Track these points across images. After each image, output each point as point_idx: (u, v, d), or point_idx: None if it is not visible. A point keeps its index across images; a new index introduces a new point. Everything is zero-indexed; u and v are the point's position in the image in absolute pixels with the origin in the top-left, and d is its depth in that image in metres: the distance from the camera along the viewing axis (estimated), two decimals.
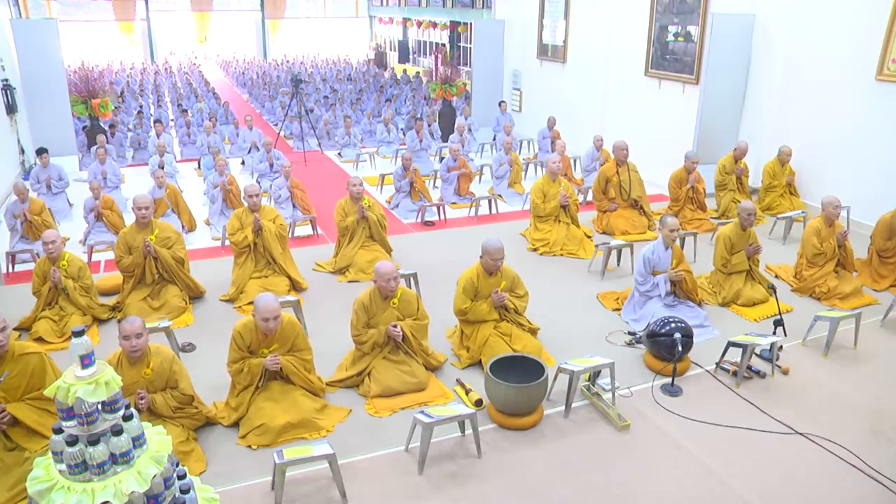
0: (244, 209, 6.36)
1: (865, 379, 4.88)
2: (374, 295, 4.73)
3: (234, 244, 6.25)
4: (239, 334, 4.26)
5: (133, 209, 5.93)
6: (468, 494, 3.72)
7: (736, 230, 6.01)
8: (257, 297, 4.23)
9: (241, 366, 4.27)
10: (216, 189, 8.33)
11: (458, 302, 5.03)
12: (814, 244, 6.22)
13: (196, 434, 4.15)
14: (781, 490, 3.74)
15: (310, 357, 4.49)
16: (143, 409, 3.85)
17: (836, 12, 8.01)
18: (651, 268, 5.64)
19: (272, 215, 6.39)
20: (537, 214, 7.58)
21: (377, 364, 4.68)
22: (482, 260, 4.99)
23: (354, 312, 4.71)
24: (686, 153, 8.18)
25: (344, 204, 6.88)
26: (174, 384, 4.05)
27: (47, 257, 5.56)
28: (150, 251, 5.78)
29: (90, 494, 2.32)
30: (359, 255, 6.71)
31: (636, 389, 4.70)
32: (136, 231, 5.87)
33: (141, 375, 3.93)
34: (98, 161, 9.26)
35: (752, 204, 6.06)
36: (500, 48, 14.12)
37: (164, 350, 4.09)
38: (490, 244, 4.92)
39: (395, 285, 4.70)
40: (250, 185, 6.38)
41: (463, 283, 5.04)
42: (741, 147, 8.58)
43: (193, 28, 32.38)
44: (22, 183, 7.46)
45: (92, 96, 11.27)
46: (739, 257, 5.99)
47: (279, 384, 4.36)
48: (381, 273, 4.63)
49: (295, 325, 4.42)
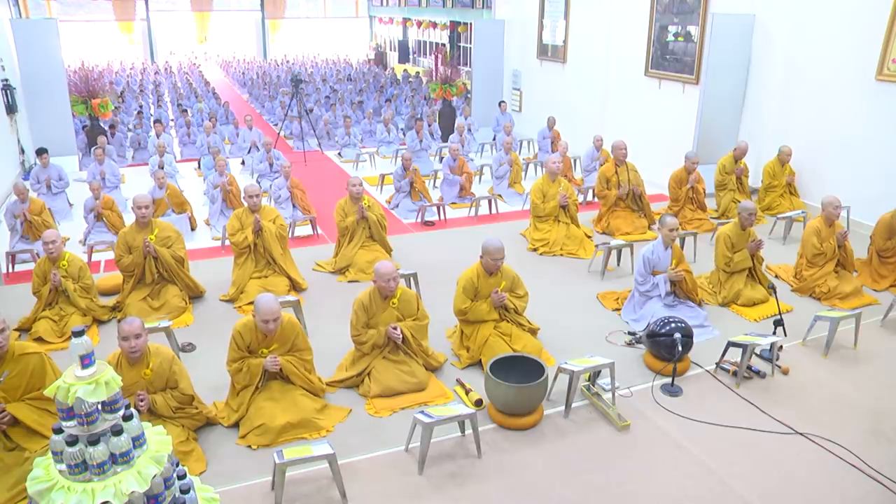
0: (244, 209, 6.36)
1: (865, 379, 4.88)
2: (374, 295, 4.73)
3: (234, 244, 6.25)
4: (239, 334, 4.26)
5: (133, 209, 5.93)
6: (468, 494, 3.72)
7: (736, 230, 6.01)
8: (258, 298, 4.23)
9: (241, 365, 4.28)
10: (216, 189, 8.33)
11: (457, 302, 5.03)
12: (814, 244, 6.22)
13: (196, 434, 4.15)
14: (781, 490, 3.74)
15: (310, 357, 4.49)
16: (143, 411, 3.85)
17: (836, 12, 8.01)
18: (651, 268, 5.64)
19: (272, 216, 6.39)
20: (537, 214, 7.58)
21: (377, 364, 4.68)
22: (482, 260, 4.99)
23: (354, 312, 4.72)
24: (686, 153, 8.19)
25: (344, 204, 6.88)
26: (174, 384, 4.05)
27: (47, 257, 5.56)
28: (150, 251, 5.78)
29: (90, 494, 2.32)
30: (359, 255, 6.71)
31: (636, 389, 4.70)
32: (136, 231, 5.87)
33: (141, 376, 3.93)
34: (97, 161, 9.26)
35: (752, 204, 6.06)
36: (500, 48, 14.12)
37: (163, 350, 4.09)
38: (490, 244, 4.92)
39: (395, 285, 4.70)
40: (250, 185, 6.38)
41: (463, 282, 5.04)
42: (741, 147, 8.58)
43: (193, 28, 32.38)
44: (22, 183, 7.46)
45: (92, 96, 11.27)
46: (742, 255, 5.99)
47: (279, 384, 4.36)
48: (381, 273, 4.63)
49: (295, 326, 4.42)
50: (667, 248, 5.64)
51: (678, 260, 5.67)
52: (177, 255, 5.94)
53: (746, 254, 6.00)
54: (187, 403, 4.08)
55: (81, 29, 29.05)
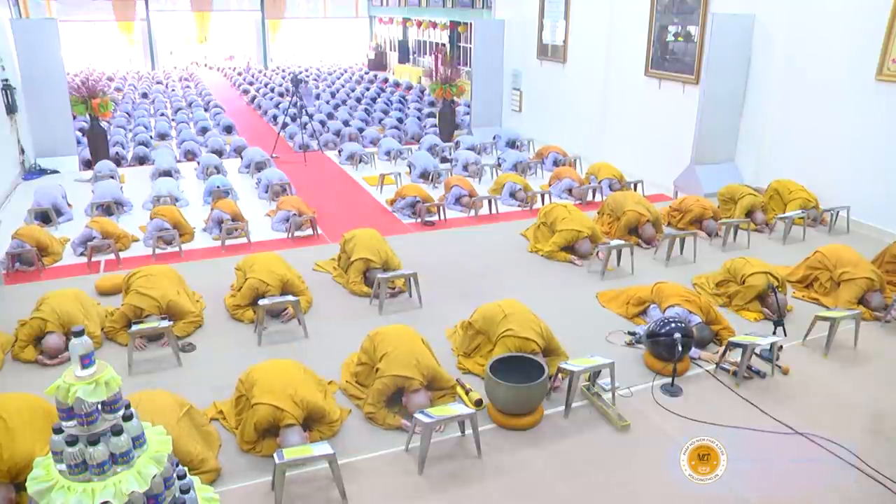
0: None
1: (865, 379, 4.88)
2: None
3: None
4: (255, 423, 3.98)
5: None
6: (468, 494, 3.72)
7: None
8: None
9: (257, 446, 4.06)
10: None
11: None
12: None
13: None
14: (781, 490, 3.74)
15: (336, 418, 4.24)
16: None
17: (836, 12, 8.00)
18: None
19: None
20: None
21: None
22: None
23: (374, 391, 4.34)
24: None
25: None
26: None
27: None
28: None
29: (90, 494, 2.32)
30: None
31: (636, 389, 4.70)
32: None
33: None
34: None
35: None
36: (500, 48, 14.11)
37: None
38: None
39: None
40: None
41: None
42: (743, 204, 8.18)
43: (193, 28, 32.33)
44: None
45: (92, 96, 11.26)
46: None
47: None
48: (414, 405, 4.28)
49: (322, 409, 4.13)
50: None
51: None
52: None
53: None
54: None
55: (81, 29, 29.01)
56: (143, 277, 5.59)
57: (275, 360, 4.46)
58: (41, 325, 5.07)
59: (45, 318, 5.08)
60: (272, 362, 4.40)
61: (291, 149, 13.39)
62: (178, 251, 7.37)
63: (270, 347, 5.28)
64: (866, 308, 5.78)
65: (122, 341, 5.29)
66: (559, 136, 12.46)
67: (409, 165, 11.01)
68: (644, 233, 7.54)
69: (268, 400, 3.92)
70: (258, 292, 5.65)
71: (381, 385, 4.27)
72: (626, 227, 7.54)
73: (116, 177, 10.24)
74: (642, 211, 7.59)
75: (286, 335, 5.51)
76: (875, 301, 5.80)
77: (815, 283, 6.26)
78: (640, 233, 7.57)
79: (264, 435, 4.00)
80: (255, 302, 5.58)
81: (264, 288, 5.65)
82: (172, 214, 7.82)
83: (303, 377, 4.25)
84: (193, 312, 5.60)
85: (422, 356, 4.39)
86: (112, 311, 5.60)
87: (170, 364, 5.03)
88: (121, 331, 5.35)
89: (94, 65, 27.30)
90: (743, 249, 7.34)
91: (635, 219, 7.54)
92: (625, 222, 7.55)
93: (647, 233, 7.53)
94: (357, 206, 9.48)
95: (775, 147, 8.87)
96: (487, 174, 10.92)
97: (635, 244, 7.35)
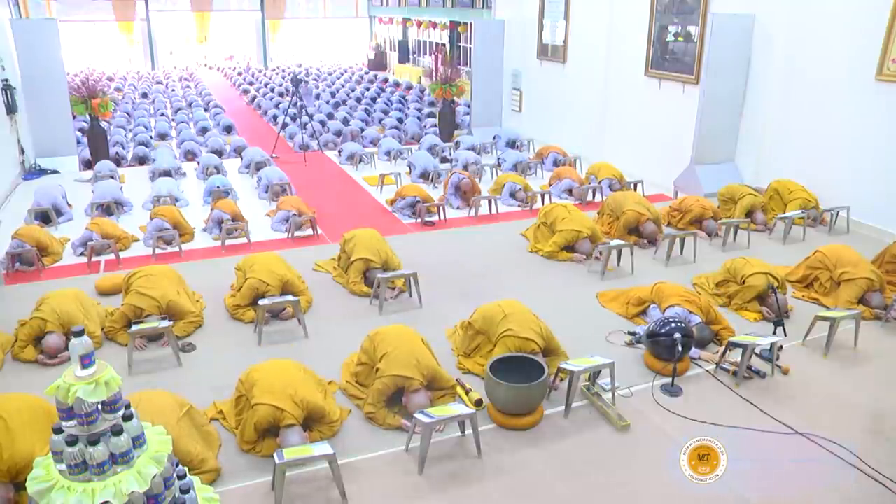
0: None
1: (865, 379, 4.88)
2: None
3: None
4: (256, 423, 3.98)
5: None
6: (468, 494, 3.72)
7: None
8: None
9: (257, 446, 4.05)
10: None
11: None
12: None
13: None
14: (781, 490, 3.74)
15: (336, 418, 4.25)
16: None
17: (836, 12, 8.00)
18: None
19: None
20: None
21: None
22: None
23: (374, 391, 4.35)
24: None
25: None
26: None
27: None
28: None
29: (90, 494, 2.32)
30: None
31: (636, 389, 4.70)
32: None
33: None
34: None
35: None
36: (500, 48, 14.11)
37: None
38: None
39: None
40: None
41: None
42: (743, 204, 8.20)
43: (193, 28, 32.33)
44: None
45: (92, 96, 11.26)
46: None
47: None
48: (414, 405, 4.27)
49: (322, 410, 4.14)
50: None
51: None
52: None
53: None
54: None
55: (81, 29, 29.01)
56: (143, 277, 5.59)
57: (275, 360, 4.46)
58: (41, 325, 5.08)
59: (45, 318, 5.08)
60: (272, 362, 4.40)
61: (291, 149, 13.40)
62: (178, 251, 7.38)
63: (270, 347, 5.28)
64: (866, 308, 5.78)
65: (122, 341, 5.29)
66: (559, 136, 12.46)
67: (409, 165, 11.02)
68: (646, 229, 7.54)
69: (268, 400, 3.92)
70: (258, 292, 5.65)
71: (381, 385, 4.27)
72: (625, 226, 7.55)
73: (116, 177, 10.25)
74: (642, 211, 7.59)
75: (286, 335, 5.51)
76: (875, 301, 5.80)
77: (815, 283, 6.26)
78: (641, 230, 7.57)
79: (264, 435, 4.00)
80: (255, 302, 5.59)
81: (264, 288, 5.65)
82: (172, 214, 7.82)
83: (303, 377, 4.26)
84: (193, 312, 5.60)
85: (422, 356, 4.39)
86: (112, 311, 5.60)
87: (170, 364, 5.03)
88: (121, 331, 5.35)
89: (94, 65, 27.33)
90: (743, 249, 7.34)
91: (635, 218, 7.55)
92: (624, 222, 7.55)
93: (648, 229, 7.53)
94: (357, 206, 9.48)
95: (775, 147, 8.87)
96: (487, 174, 10.92)
97: (636, 244, 7.36)
